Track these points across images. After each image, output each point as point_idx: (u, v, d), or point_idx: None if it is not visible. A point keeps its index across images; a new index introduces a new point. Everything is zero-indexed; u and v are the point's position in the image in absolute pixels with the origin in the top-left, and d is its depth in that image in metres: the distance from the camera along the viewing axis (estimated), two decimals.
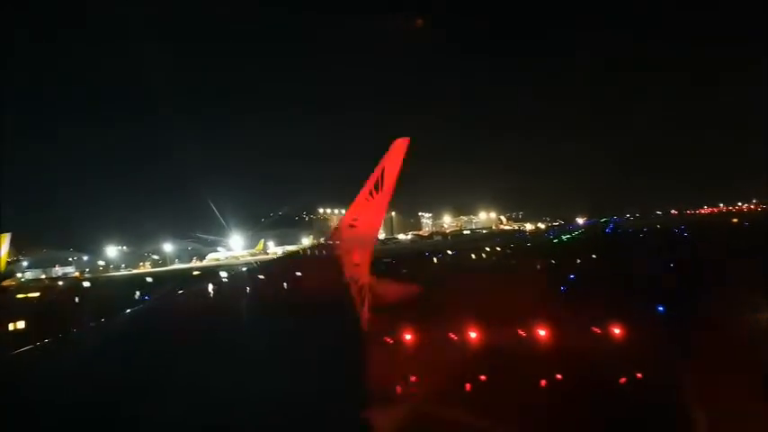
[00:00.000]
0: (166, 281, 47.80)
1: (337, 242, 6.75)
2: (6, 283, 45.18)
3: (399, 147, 7.41)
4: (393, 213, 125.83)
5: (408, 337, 10.46)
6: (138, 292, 35.03)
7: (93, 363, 4.15)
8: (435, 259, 43.55)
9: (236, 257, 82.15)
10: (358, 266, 7.72)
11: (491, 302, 12.62)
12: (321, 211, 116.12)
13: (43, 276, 74.11)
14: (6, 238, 42.67)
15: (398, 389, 8.17)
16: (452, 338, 10.28)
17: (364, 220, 6.81)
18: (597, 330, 10.03)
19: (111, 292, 41.77)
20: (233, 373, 4.13)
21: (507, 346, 9.77)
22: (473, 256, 44.02)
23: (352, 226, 6.82)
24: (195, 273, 59.41)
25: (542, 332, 10.26)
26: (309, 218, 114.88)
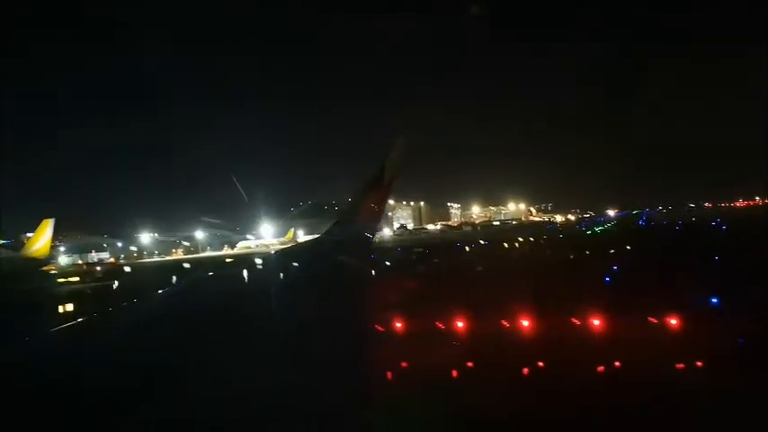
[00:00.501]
0: (202, 267, 48.53)
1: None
2: (47, 267, 46.41)
3: (399, 146, 7.33)
4: (422, 203, 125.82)
5: (461, 324, 10.52)
6: (175, 278, 35.69)
7: (113, 343, 4.07)
8: (468, 249, 43.47)
9: (267, 245, 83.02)
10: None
11: (537, 292, 12.59)
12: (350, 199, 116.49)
13: (80, 261, 75.89)
14: (50, 223, 43.91)
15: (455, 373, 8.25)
16: (505, 327, 10.30)
17: (364, 216, 6.75)
18: (654, 320, 9.95)
19: (151, 276, 42.64)
20: (235, 360, 4.03)
21: (565, 335, 9.74)
22: (506, 246, 43.87)
23: (352, 220, 6.77)
24: (228, 260, 60.37)
25: (597, 322, 10.21)
26: (338, 207, 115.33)
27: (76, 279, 40.58)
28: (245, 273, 7.00)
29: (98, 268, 55.84)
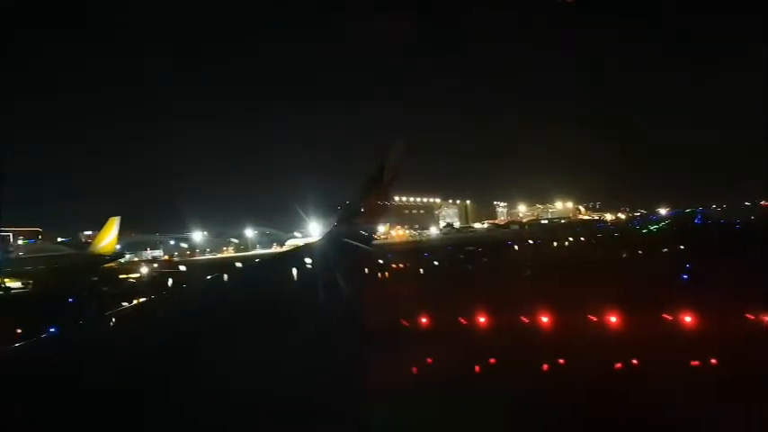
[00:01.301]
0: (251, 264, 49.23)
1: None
2: (110, 264, 48.00)
3: (398, 148, 7.21)
4: (468, 202, 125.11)
5: (545, 319, 10.43)
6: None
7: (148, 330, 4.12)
8: (524, 247, 43.02)
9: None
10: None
11: (621, 290, 12.37)
12: (396, 198, 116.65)
13: (136, 259, 78.06)
14: (116, 221, 45.50)
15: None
16: (593, 321, 10.17)
17: (364, 216, 6.69)
18: (751, 317, 9.67)
19: (206, 274, 43.65)
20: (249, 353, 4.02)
21: (659, 332, 9.55)
22: (555, 244, 43.26)
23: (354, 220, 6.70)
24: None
25: (688, 318, 9.98)
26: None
27: (137, 275, 41.83)
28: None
29: (155, 265, 57.37)
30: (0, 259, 59.80)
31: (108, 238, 45.76)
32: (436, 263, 34.09)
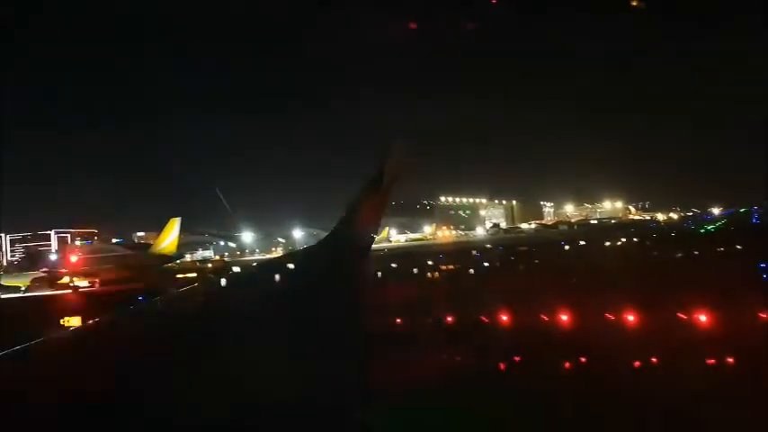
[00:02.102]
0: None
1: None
2: (170, 264, 49.26)
3: (398, 149, 6.96)
4: (514, 202, 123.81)
5: (631, 318, 10.25)
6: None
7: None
8: (581, 247, 42.33)
9: None
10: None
11: (703, 289, 12.03)
12: (443, 198, 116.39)
13: (189, 259, 79.82)
14: (177, 222, 46.81)
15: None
16: (683, 320, 9.93)
17: (364, 219, 6.50)
18: None
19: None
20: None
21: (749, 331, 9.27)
22: (608, 244, 42.36)
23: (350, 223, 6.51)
24: None
25: None
26: (431, 205, 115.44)
27: (194, 275, 42.87)
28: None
29: (209, 265, 58.64)
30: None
31: (169, 238, 47.14)
32: (497, 263, 33.94)
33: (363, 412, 3.60)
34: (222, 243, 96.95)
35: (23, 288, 43.32)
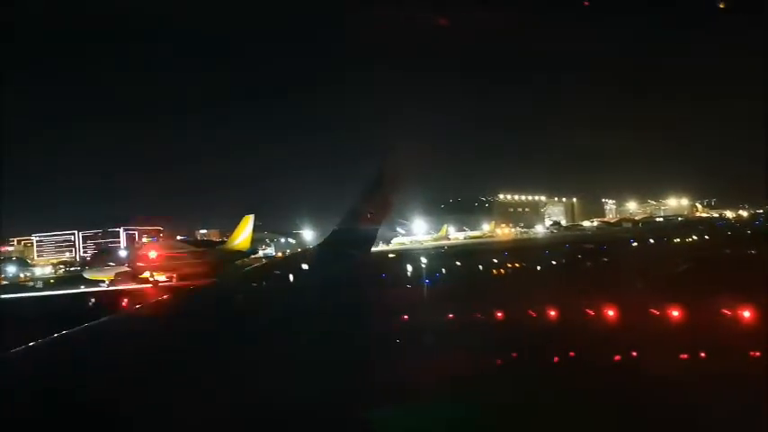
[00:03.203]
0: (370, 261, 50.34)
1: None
2: (241, 261, 50.78)
3: (388, 164, 6.87)
4: (574, 200, 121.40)
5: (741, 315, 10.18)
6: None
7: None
8: (652, 246, 41.42)
9: (420, 242, 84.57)
10: None
11: None
12: (501, 196, 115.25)
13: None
14: (250, 219, 48.33)
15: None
16: None
17: (364, 222, 6.46)
18: None
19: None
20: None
21: None
22: (681, 241, 41.26)
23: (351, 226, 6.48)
24: (390, 255, 62.23)
25: None
26: (489, 202, 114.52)
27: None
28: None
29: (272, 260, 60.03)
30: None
31: (243, 234, 48.80)
32: (569, 260, 33.63)
33: (368, 413, 3.62)
34: (283, 240, 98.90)
35: (107, 282, 45.69)
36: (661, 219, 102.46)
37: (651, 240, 47.43)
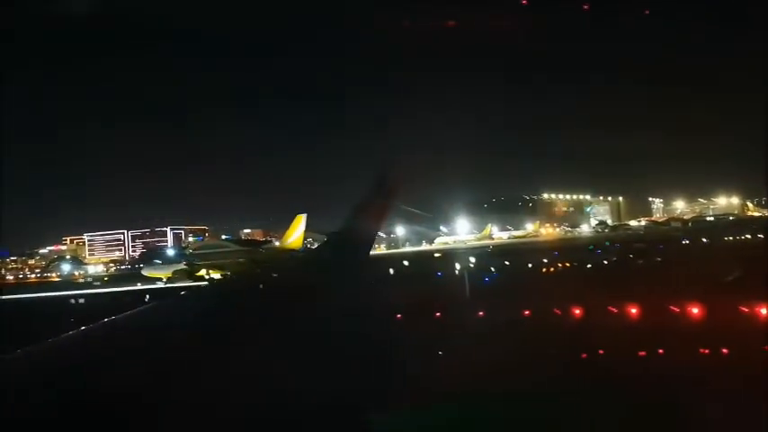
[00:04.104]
0: (420, 260, 50.96)
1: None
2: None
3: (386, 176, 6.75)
4: (620, 198, 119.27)
5: None
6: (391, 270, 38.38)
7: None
8: (703, 245, 40.60)
9: (464, 242, 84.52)
10: None
11: None
12: (545, 195, 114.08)
13: None
14: (303, 218, 49.31)
15: None
16: None
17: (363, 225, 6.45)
18: None
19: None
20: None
21: None
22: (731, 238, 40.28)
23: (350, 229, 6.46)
24: (436, 254, 62.45)
25: None
26: (533, 202, 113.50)
27: None
28: None
29: None
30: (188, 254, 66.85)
31: (296, 233, 49.81)
32: (623, 260, 33.28)
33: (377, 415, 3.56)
34: (326, 239, 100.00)
35: (164, 279, 47.20)
36: (711, 218, 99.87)
37: (704, 240, 46.53)
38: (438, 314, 13.89)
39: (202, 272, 45.99)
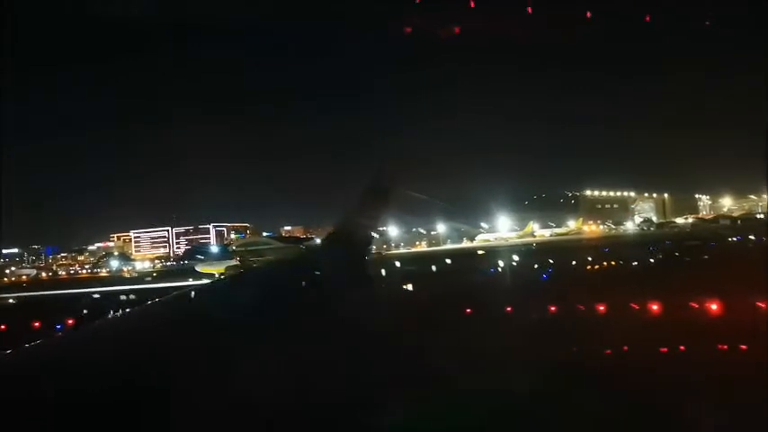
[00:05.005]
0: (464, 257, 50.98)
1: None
2: None
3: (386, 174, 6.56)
4: (666, 195, 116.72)
5: None
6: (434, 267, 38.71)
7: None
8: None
9: (505, 239, 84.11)
10: None
11: None
12: (588, 192, 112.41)
13: None
14: None
15: None
16: None
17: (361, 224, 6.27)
18: None
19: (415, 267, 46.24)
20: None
21: None
22: None
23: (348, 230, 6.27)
24: (480, 252, 62.41)
25: None
26: (575, 198, 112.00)
27: None
28: None
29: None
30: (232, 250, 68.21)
31: None
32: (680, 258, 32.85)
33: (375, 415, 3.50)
34: None
35: (218, 275, 48.32)
36: (762, 215, 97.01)
37: (751, 237, 45.39)
38: (509, 309, 14.05)
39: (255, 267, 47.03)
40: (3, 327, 20.70)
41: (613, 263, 32.64)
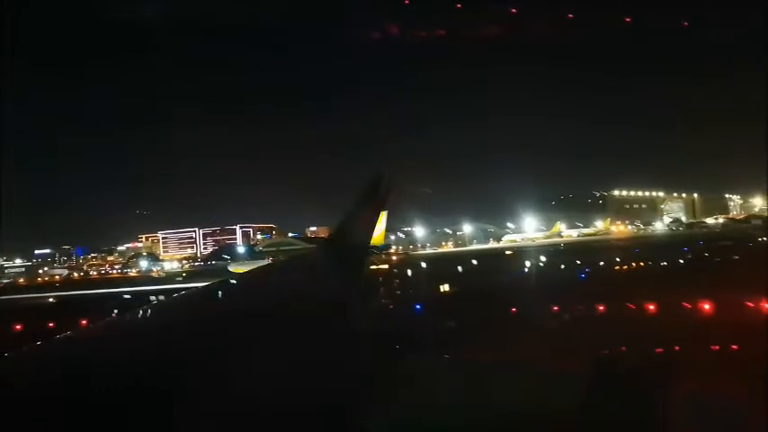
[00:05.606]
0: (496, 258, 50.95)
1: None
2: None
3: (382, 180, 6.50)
4: (695, 195, 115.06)
5: None
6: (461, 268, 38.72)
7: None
8: None
9: (532, 239, 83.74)
10: None
11: None
12: (616, 192, 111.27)
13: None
14: (384, 214, 50.12)
15: None
16: None
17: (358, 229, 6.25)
18: None
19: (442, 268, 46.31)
20: None
21: None
22: None
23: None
24: (507, 252, 62.24)
25: None
26: (603, 198, 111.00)
27: (385, 267, 45.64)
28: None
29: (393, 258, 61.77)
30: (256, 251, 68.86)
31: (377, 230, 50.44)
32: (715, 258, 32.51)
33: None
34: (392, 237, 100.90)
35: None
36: None
37: None
38: (557, 308, 14.15)
39: None
40: (51, 324, 21.20)
41: (650, 263, 32.40)
